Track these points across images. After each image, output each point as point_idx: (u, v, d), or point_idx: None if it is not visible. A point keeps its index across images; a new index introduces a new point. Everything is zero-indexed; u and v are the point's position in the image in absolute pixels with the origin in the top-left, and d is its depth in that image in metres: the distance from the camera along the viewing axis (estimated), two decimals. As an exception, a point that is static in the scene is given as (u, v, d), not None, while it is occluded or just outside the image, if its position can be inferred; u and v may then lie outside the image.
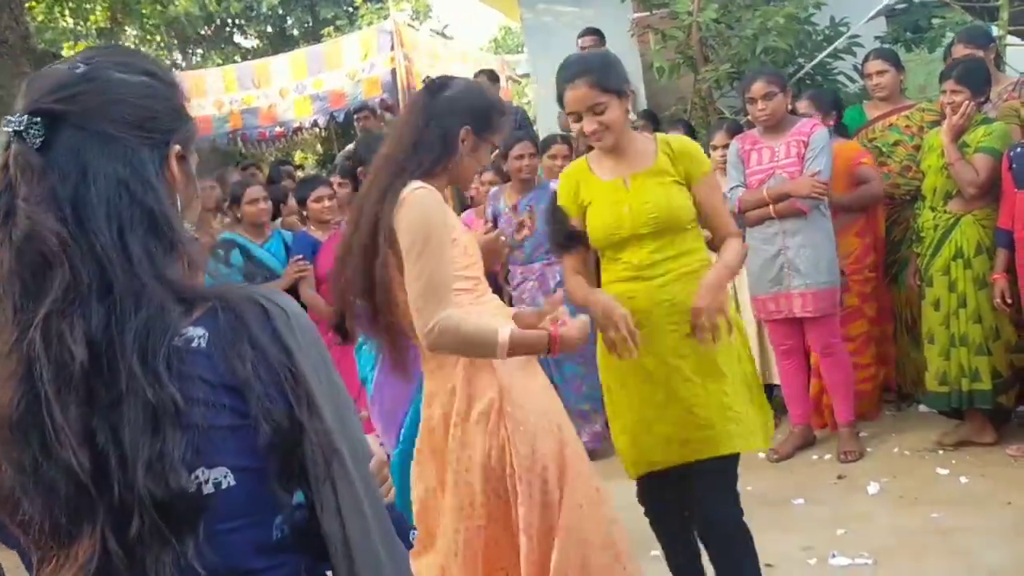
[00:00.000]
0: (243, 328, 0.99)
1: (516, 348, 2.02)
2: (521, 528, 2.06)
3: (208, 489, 0.95)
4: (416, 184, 2.06)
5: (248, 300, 1.02)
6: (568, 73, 2.37)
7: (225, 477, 0.96)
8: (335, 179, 4.73)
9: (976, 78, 3.88)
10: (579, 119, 2.37)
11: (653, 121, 5.37)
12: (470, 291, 2.13)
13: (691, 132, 4.98)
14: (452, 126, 2.15)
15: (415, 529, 1.29)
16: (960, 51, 4.23)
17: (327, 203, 4.50)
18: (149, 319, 0.94)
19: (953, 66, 3.99)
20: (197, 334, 0.97)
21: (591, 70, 2.34)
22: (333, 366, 1.07)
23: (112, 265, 0.95)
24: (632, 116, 2.41)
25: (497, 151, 4.66)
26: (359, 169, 3.01)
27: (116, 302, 0.94)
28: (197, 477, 0.95)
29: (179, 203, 1.06)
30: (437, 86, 2.22)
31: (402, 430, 2.83)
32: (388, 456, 2.84)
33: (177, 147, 1.05)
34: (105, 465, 0.90)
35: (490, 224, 4.46)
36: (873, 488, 3.69)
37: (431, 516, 2.19)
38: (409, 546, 1.19)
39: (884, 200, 4.49)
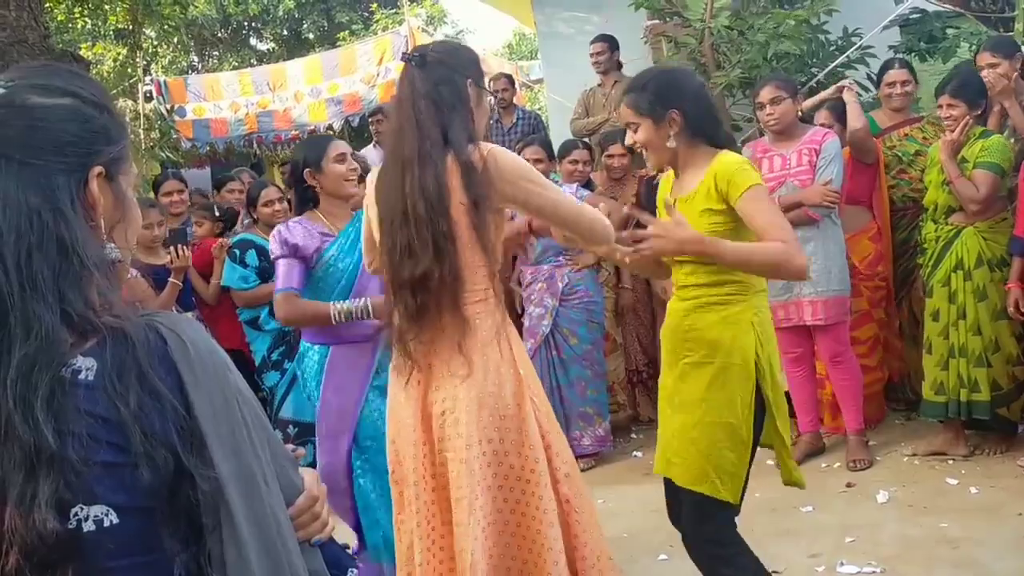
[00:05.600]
0: (133, 361, 0.95)
1: None
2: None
3: (88, 527, 0.93)
4: (487, 145, 2.10)
5: (147, 329, 0.98)
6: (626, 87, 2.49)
7: (107, 515, 0.93)
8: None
9: (971, 91, 3.85)
10: None
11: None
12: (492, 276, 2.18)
13: None
14: (459, 82, 2.13)
15: (355, 568, 1.27)
16: (985, 59, 4.22)
17: None
18: (37, 350, 0.92)
19: (948, 80, 3.96)
20: (86, 365, 0.95)
21: (633, 89, 2.42)
22: (244, 402, 1.02)
23: (11, 296, 0.93)
24: (672, 144, 2.36)
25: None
26: (306, 171, 2.95)
27: (7, 333, 0.92)
28: (76, 514, 0.92)
29: (102, 226, 1.03)
30: (419, 57, 2.16)
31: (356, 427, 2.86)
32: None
33: (99, 169, 1.02)
34: None
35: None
36: (882, 497, 3.69)
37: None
38: None
39: (908, 206, 4.53)
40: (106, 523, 0.93)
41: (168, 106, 9.81)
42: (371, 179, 2.26)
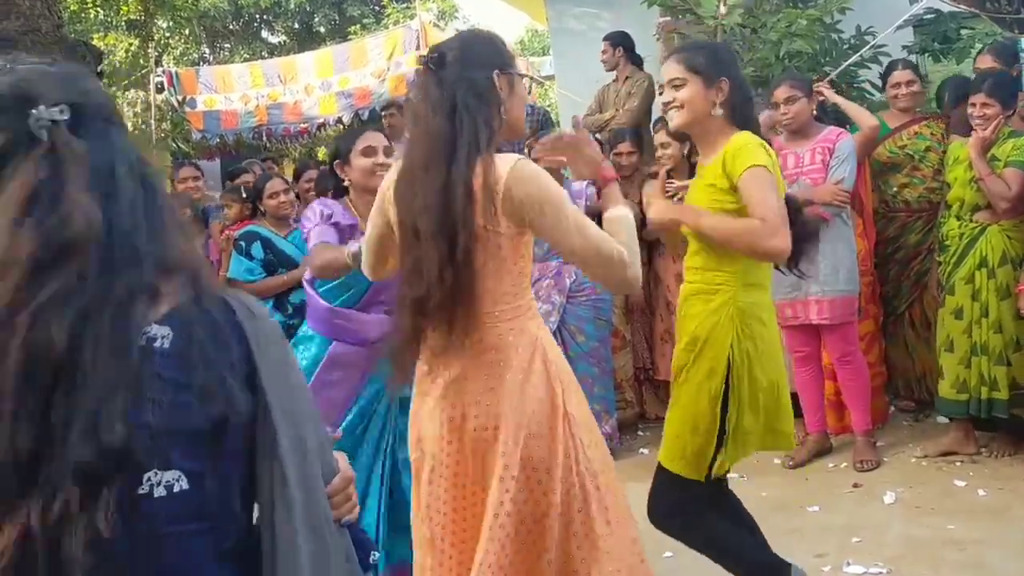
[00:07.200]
0: (209, 330, 0.98)
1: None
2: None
3: (160, 492, 0.95)
4: (514, 156, 1.94)
5: (216, 300, 1.01)
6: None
7: (178, 480, 0.96)
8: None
9: (1006, 91, 3.87)
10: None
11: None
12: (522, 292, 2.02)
13: None
14: (482, 79, 1.97)
15: (377, 551, 1.28)
16: (986, 63, 4.22)
17: None
18: (116, 314, 0.93)
19: (982, 79, 3.96)
20: (162, 333, 0.97)
21: (686, 48, 2.50)
22: (296, 372, 1.07)
23: (119, 253, 0.95)
24: (718, 111, 2.38)
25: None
26: (336, 163, 3.05)
27: (100, 291, 0.93)
28: (149, 479, 0.94)
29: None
30: (438, 58, 2.00)
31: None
32: None
33: None
34: (43, 447, 0.88)
35: None
36: (889, 497, 3.68)
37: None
38: (367, 568, 1.19)
39: (923, 207, 4.50)
40: (176, 488, 0.95)
41: (179, 97, 9.81)
42: (387, 181, 2.12)
